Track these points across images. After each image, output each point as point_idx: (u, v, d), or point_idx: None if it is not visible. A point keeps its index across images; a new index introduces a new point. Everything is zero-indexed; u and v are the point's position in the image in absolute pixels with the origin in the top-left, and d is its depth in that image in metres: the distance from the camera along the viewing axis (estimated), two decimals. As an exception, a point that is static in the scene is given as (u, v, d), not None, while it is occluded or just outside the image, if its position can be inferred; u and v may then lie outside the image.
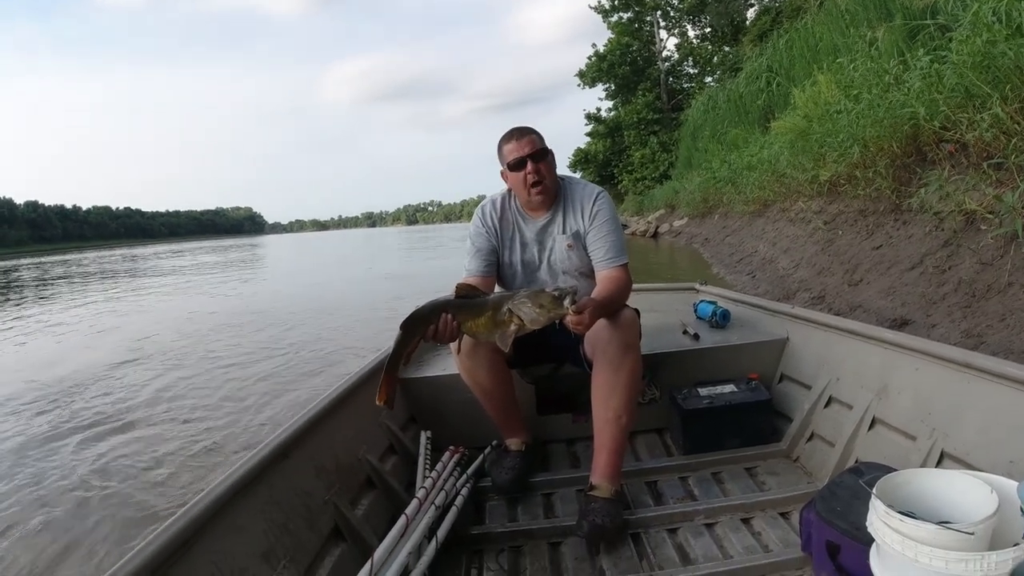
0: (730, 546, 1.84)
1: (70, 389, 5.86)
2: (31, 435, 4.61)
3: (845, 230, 6.67)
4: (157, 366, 6.62)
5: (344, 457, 1.99)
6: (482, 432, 2.43)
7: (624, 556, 1.84)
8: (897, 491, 1.32)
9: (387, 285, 13.84)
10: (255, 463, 1.54)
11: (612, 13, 31.74)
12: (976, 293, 3.91)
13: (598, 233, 2.17)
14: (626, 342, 1.95)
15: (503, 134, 2.19)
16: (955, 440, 1.69)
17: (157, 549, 1.17)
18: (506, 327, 1.77)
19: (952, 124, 4.99)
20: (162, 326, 9.47)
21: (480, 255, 2.23)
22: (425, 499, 1.84)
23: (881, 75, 6.88)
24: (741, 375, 2.52)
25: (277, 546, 1.49)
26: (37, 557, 2.92)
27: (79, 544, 3.00)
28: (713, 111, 19.67)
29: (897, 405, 1.95)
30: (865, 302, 4.94)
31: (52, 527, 3.18)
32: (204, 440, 4.19)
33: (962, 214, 4.50)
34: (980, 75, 4.72)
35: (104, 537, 3.04)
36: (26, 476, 3.85)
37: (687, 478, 2.28)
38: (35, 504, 3.45)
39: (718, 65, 28.61)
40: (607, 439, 1.97)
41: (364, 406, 2.19)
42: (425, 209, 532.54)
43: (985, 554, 1.11)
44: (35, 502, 3.48)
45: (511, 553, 1.92)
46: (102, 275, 25.50)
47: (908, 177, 5.74)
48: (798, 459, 2.33)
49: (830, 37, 10.83)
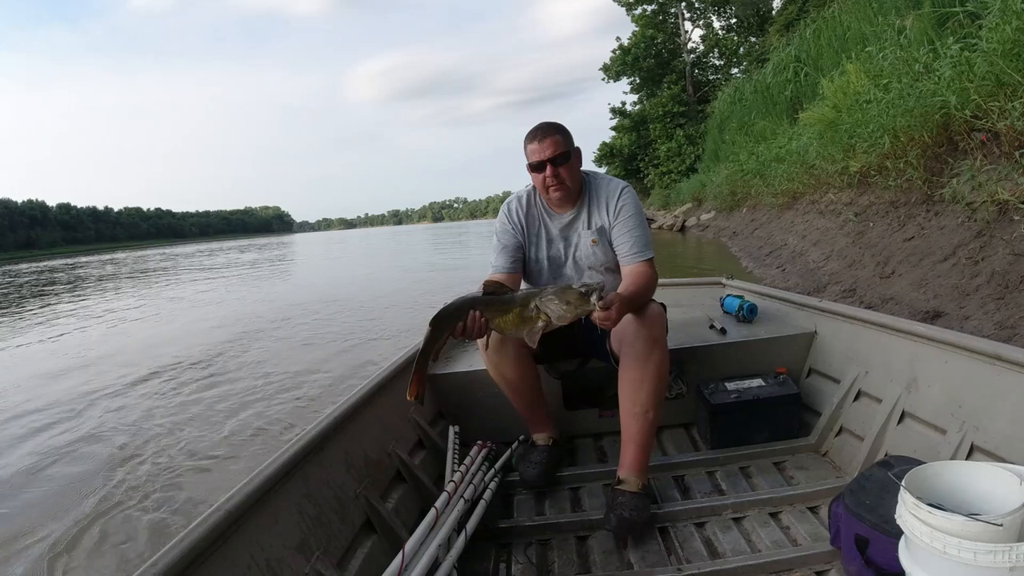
0: (758, 540, 1.84)
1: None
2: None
3: (876, 222, 6.57)
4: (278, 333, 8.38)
5: (374, 452, 2.03)
6: (510, 427, 2.46)
7: (652, 550, 1.85)
8: (926, 484, 1.32)
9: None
10: (289, 457, 1.58)
11: (636, 6, 31.49)
12: (1009, 284, 3.84)
13: (623, 228, 2.18)
14: (652, 337, 1.95)
15: (529, 130, 2.19)
16: (985, 433, 1.67)
17: (196, 539, 1.20)
18: (534, 323, 1.79)
19: (983, 113, 4.88)
20: (244, 309, 11.27)
21: (506, 251, 2.25)
22: (454, 493, 1.87)
23: (911, 64, 6.75)
24: (769, 369, 2.50)
25: (311, 538, 1.53)
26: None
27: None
28: (740, 103, 19.40)
29: (927, 398, 1.93)
30: (897, 294, 4.88)
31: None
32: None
33: (994, 204, 4.41)
34: (1011, 63, 4.62)
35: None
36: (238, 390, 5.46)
37: (715, 472, 2.28)
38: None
39: (744, 56, 28.27)
40: (634, 433, 1.98)
41: (393, 401, 2.22)
42: (451, 206, 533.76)
43: (1014, 545, 1.11)
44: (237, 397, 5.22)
45: (539, 546, 1.94)
46: (157, 272, 26.89)
47: (939, 167, 5.64)
48: (827, 453, 2.32)
49: (858, 26, 10.63)
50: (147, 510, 3.27)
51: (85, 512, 3.28)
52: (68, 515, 3.27)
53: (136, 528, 3.10)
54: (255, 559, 1.34)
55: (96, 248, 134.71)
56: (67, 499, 3.48)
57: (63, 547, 2.96)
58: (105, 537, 3.03)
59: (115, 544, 2.97)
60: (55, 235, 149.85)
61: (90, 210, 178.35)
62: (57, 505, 3.43)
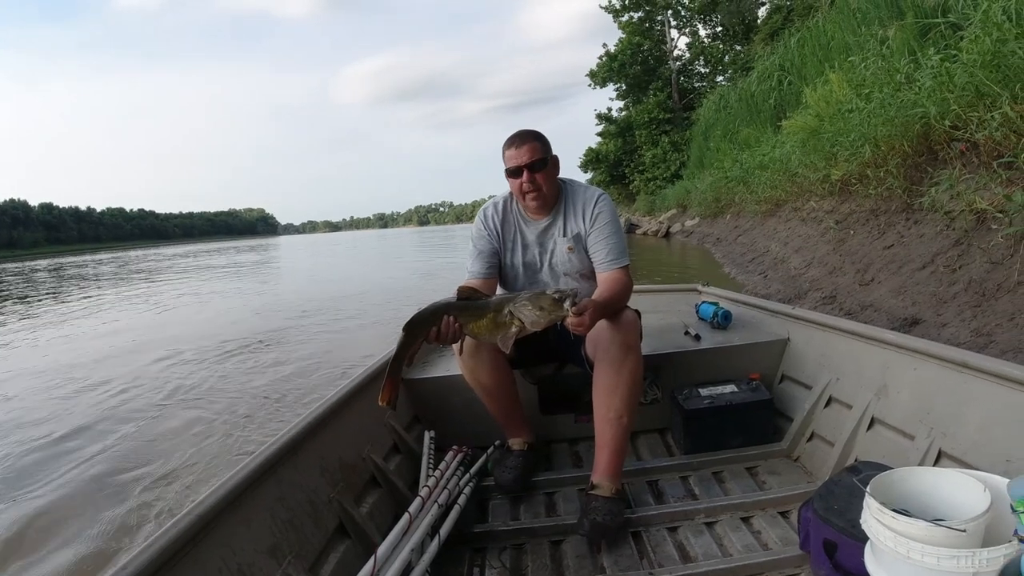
0: (730, 544, 1.85)
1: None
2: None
3: (856, 229, 6.63)
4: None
5: (349, 456, 2.02)
6: (485, 432, 2.45)
7: (625, 554, 1.85)
8: (891, 489, 1.33)
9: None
10: (262, 460, 1.57)
11: (623, 13, 31.61)
12: (986, 292, 3.89)
13: (599, 235, 2.19)
14: (627, 343, 1.96)
15: (507, 137, 2.21)
16: (953, 439, 1.69)
17: (167, 543, 1.19)
18: (507, 329, 1.79)
19: (963, 123, 4.94)
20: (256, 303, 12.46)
21: (482, 257, 2.26)
22: (428, 497, 1.87)
23: (892, 74, 6.83)
24: (742, 375, 2.52)
25: (283, 542, 1.52)
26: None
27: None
28: (724, 110, 19.58)
29: (896, 405, 1.96)
30: (876, 301, 4.92)
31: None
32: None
33: (973, 213, 4.47)
34: (990, 74, 4.69)
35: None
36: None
37: (688, 477, 2.29)
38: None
39: (729, 64, 28.47)
40: (608, 438, 1.99)
41: (369, 406, 2.21)
42: (437, 210, 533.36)
43: (976, 551, 1.12)
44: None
45: (513, 551, 1.94)
46: (155, 271, 27.29)
47: (919, 176, 5.70)
48: (798, 459, 2.34)
49: (842, 36, 10.76)
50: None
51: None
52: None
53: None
54: (226, 563, 1.33)
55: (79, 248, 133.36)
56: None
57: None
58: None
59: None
60: (37, 235, 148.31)
61: (72, 210, 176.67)
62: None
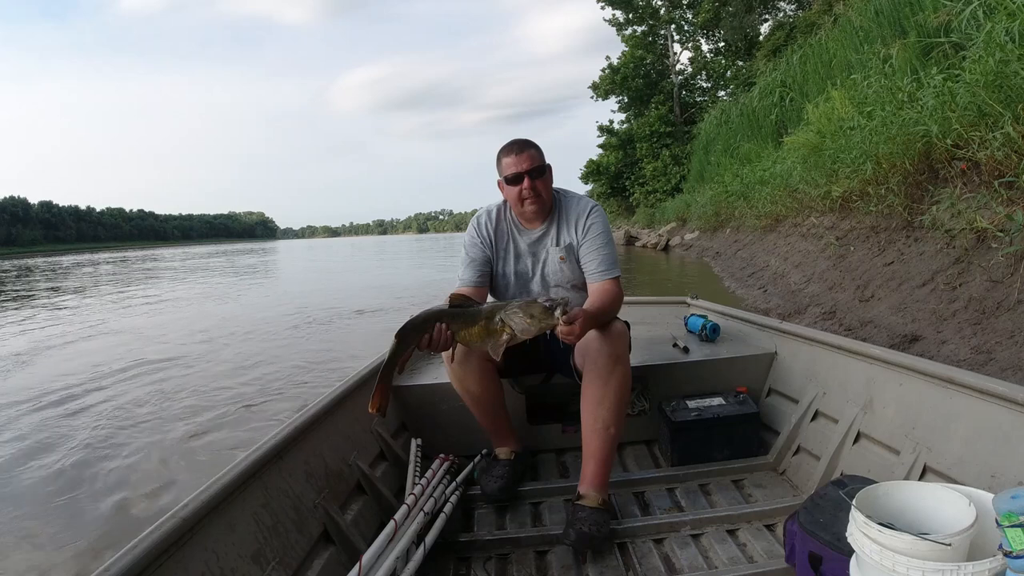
0: (715, 557, 1.85)
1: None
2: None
3: (857, 246, 6.64)
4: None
5: (335, 462, 2.01)
6: (473, 440, 2.45)
7: (610, 565, 1.84)
8: (877, 503, 1.33)
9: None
10: (247, 465, 1.56)
11: (626, 26, 31.73)
12: (986, 310, 3.90)
13: (591, 246, 2.19)
14: (615, 354, 1.96)
15: (503, 145, 2.21)
16: (938, 454, 1.69)
17: (150, 546, 1.18)
18: (498, 336, 1.79)
19: (964, 142, 4.97)
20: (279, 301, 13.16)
21: (474, 265, 2.25)
22: (414, 505, 1.86)
23: (895, 92, 6.87)
24: (729, 388, 2.53)
25: (267, 548, 1.50)
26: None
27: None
28: (726, 125, 19.63)
29: (882, 419, 1.96)
30: (876, 318, 4.92)
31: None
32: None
33: (973, 232, 4.48)
34: (992, 94, 4.71)
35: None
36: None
37: (674, 489, 2.28)
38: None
39: (731, 79, 28.52)
40: (595, 449, 1.98)
41: (356, 412, 2.20)
42: (436, 218, 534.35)
43: (961, 565, 1.11)
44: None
45: (498, 560, 1.93)
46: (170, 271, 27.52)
47: (920, 194, 5.72)
48: (784, 472, 2.33)
49: (844, 53, 10.81)
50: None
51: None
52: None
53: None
54: (209, 567, 1.31)
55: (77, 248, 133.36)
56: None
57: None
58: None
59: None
60: (36, 233, 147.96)
61: (72, 209, 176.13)
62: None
